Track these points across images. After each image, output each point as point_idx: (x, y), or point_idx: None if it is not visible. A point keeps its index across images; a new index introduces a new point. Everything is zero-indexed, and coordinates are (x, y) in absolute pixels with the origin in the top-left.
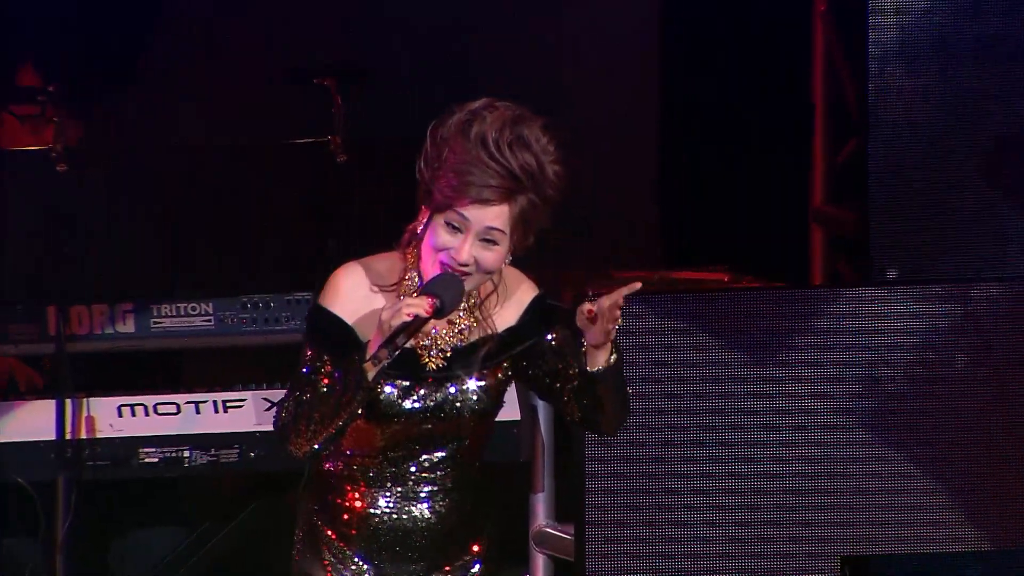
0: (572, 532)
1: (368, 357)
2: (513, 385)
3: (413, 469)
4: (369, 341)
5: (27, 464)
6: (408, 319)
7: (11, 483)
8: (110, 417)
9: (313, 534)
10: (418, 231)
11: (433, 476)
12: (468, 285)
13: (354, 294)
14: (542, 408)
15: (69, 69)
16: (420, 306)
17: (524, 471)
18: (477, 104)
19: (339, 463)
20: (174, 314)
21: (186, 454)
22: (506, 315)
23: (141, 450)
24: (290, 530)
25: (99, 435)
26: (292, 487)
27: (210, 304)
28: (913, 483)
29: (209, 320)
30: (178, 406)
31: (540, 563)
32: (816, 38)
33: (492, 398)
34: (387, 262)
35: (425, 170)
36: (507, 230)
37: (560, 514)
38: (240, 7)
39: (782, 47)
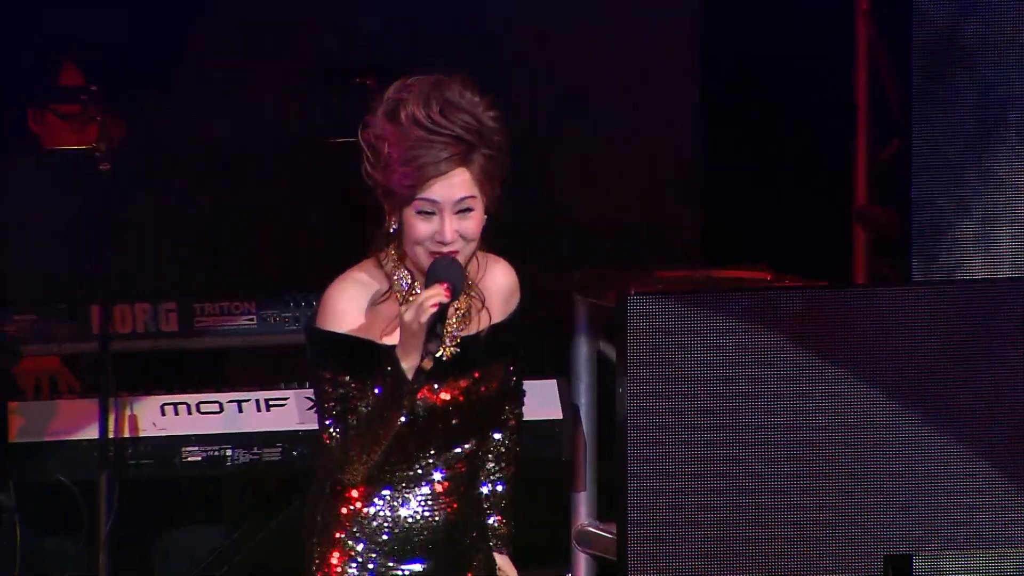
0: (614, 531)
1: (423, 355)
2: (556, 384)
3: (437, 464)
4: (392, 347)
5: (70, 463)
6: (435, 310)
7: (54, 482)
8: (153, 416)
9: (334, 545)
10: (391, 232)
11: (458, 473)
12: (462, 260)
13: (354, 309)
14: (584, 406)
15: (111, 68)
16: (438, 294)
17: (566, 470)
18: (391, 91)
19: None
20: (216, 313)
21: (228, 453)
22: (491, 279)
23: (184, 449)
24: None
25: (142, 434)
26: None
27: (252, 303)
28: (958, 480)
29: (251, 319)
30: (221, 405)
31: (582, 562)
32: (859, 38)
33: (508, 379)
34: (366, 271)
35: (373, 173)
36: (476, 193)
37: (602, 513)
38: (280, 5)
39: (825, 47)
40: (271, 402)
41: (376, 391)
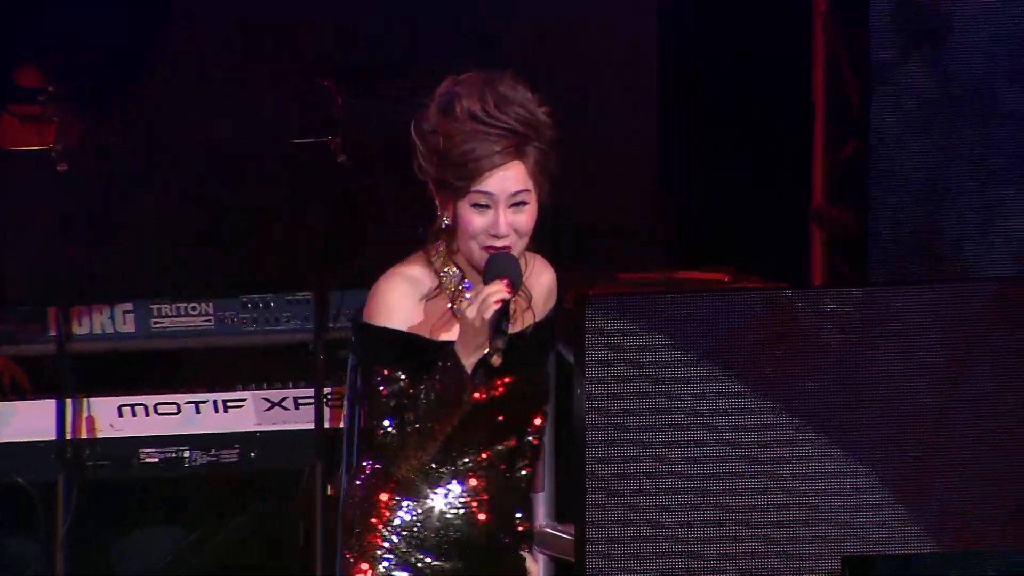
0: (572, 532)
1: (491, 352)
2: None
3: (479, 460)
4: (446, 343)
5: (27, 464)
6: (498, 307)
7: (11, 483)
8: (110, 417)
9: (373, 538)
10: (443, 227)
11: (498, 470)
12: (516, 254)
13: (405, 304)
14: None
15: (70, 69)
16: (500, 290)
17: None
18: (443, 87)
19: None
20: (174, 314)
21: (186, 454)
22: (535, 278)
23: (141, 450)
24: (290, 529)
25: (99, 435)
26: (292, 487)
27: (210, 304)
28: (916, 481)
29: (209, 320)
30: (178, 406)
31: (541, 564)
32: (817, 38)
33: (548, 378)
34: (416, 266)
35: (426, 166)
36: (531, 187)
37: (560, 514)
38: (241, 7)
39: (783, 47)
40: (229, 403)
41: (432, 388)
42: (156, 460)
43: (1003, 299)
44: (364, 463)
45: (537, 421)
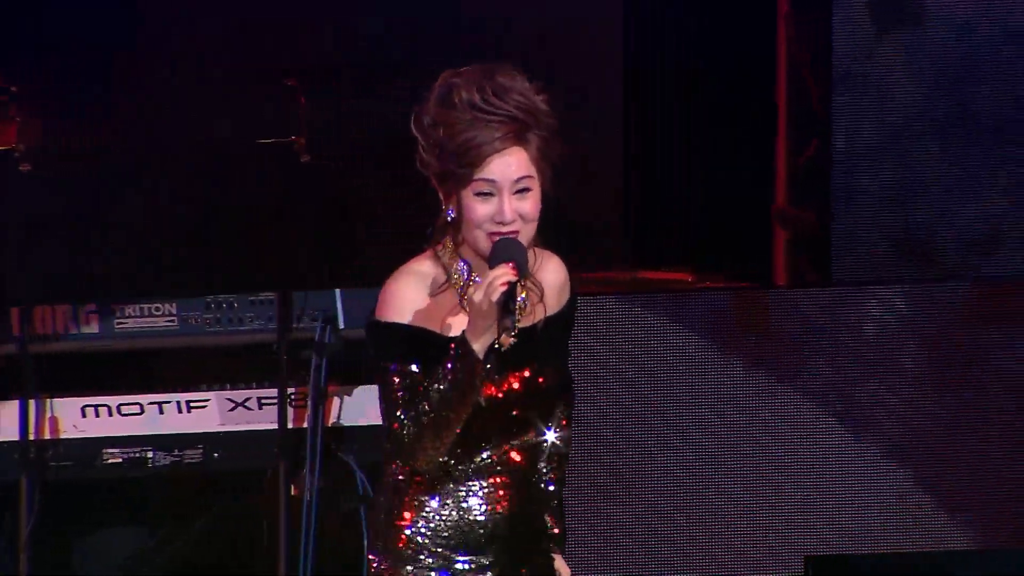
0: None
1: (500, 332)
2: None
3: (497, 456)
4: (455, 339)
5: None
6: (504, 289)
7: None
8: (73, 418)
9: (399, 538)
10: (448, 220)
11: (516, 466)
12: (523, 241)
13: (416, 300)
14: None
15: (32, 69)
16: (506, 273)
17: None
18: (441, 80)
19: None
20: (137, 315)
21: (149, 454)
22: (545, 272)
23: (105, 451)
24: (254, 529)
25: (62, 436)
26: (255, 487)
27: (173, 305)
28: (879, 483)
29: (173, 320)
30: (141, 406)
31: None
32: (779, 39)
33: (563, 374)
34: (424, 263)
35: (428, 159)
36: (534, 173)
37: None
38: (204, 6)
39: (745, 48)
40: (192, 404)
41: (445, 378)
42: (120, 460)
43: (969, 299)
44: (392, 466)
45: (560, 421)
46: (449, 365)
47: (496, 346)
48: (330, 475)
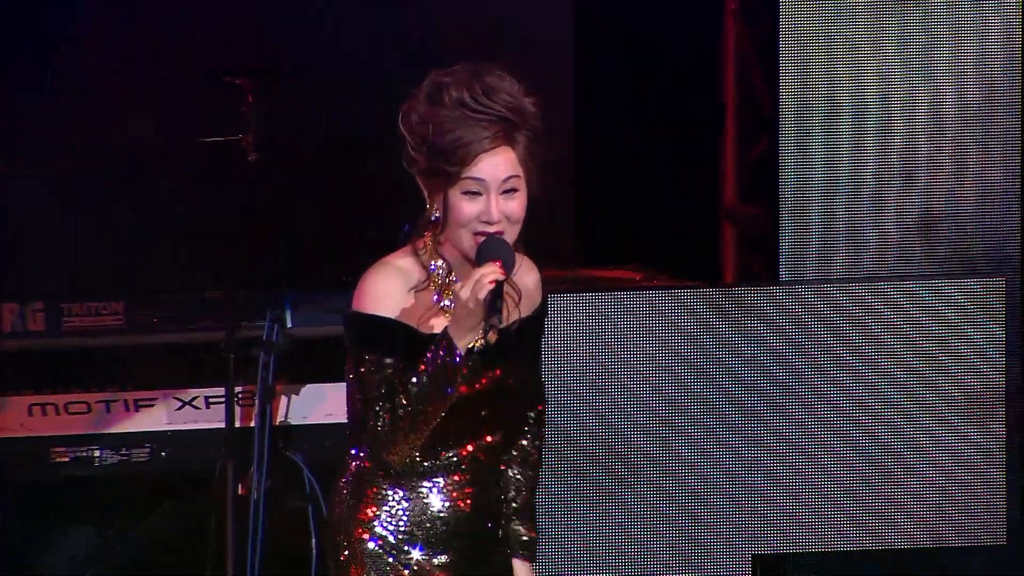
0: None
1: (486, 329)
2: None
3: (464, 454)
4: (433, 335)
5: None
6: (492, 286)
7: None
8: (20, 416)
9: (363, 533)
10: (432, 218)
11: (482, 464)
12: (509, 241)
13: (394, 293)
14: None
15: None
16: (494, 271)
17: None
18: (430, 79)
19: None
20: (85, 313)
21: (97, 454)
22: (521, 275)
23: (52, 449)
24: (201, 528)
25: (9, 435)
26: (202, 486)
27: (121, 303)
28: (828, 479)
29: (120, 319)
30: (89, 405)
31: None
32: (727, 36)
33: (533, 376)
34: (404, 259)
35: (415, 156)
36: (521, 173)
37: None
38: (151, 6)
39: (693, 45)
40: (140, 402)
41: (424, 372)
42: (67, 459)
43: (914, 297)
44: (353, 451)
45: (531, 424)
46: (430, 360)
47: (473, 346)
48: (278, 474)
